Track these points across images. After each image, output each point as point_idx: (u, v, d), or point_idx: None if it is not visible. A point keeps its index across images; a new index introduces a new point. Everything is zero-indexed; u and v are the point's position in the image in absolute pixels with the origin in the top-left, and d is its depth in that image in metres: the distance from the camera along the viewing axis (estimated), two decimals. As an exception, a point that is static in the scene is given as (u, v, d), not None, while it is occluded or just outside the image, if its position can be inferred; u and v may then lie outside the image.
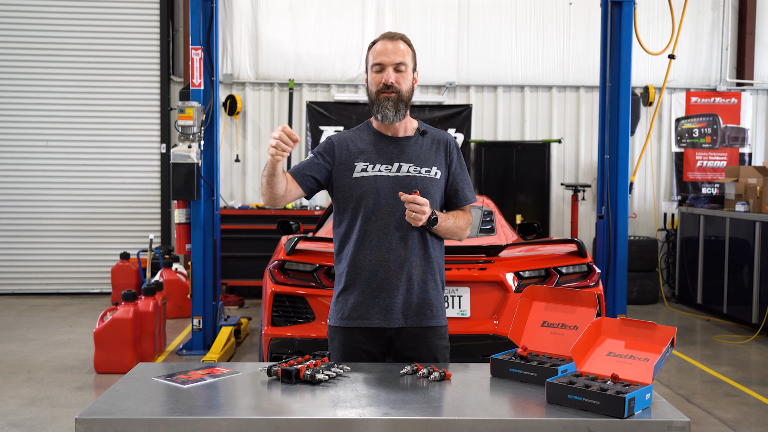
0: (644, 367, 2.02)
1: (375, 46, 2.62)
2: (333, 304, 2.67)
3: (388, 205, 2.54)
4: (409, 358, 2.57)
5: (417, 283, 2.58)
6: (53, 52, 9.01)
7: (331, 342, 2.65)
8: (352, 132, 2.70)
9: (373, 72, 2.60)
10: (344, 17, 9.21)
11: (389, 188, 2.55)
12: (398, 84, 2.57)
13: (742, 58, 9.56)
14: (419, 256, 2.58)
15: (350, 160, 2.59)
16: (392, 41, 2.59)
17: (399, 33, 2.65)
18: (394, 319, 2.57)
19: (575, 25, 9.35)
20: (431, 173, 2.60)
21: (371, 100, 2.63)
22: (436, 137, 2.69)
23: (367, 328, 2.57)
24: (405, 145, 2.63)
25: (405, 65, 2.58)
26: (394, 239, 2.55)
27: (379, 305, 2.56)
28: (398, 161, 2.60)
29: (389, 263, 2.55)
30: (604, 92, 6.41)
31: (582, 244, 4.34)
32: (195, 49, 6.02)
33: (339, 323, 2.62)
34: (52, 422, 4.44)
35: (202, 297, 6.12)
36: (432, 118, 9.19)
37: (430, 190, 2.56)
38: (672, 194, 9.58)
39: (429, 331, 2.60)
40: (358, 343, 2.58)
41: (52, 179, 9.05)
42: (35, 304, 8.50)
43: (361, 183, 2.56)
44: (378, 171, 2.57)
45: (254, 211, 8.65)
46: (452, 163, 2.67)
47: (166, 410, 1.96)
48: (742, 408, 4.89)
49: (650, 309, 8.51)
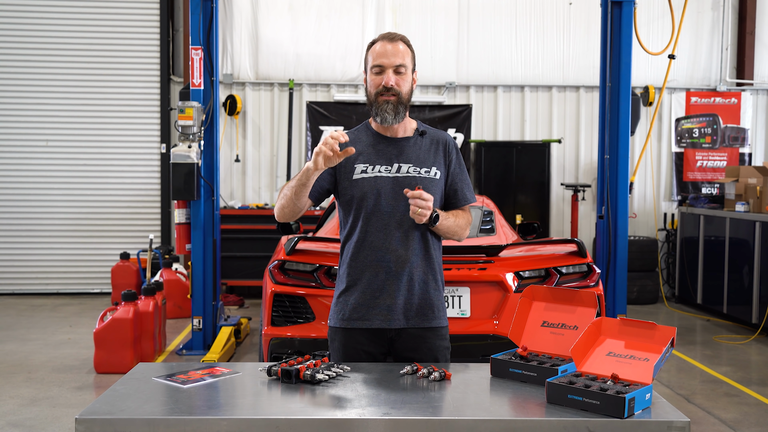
0: (644, 367, 2.02)
1: (374, 47, 2.59)
2: (333, 305, 2.67)
3: (388, 206, 2.54)
4: (409, 358, 2.56)
5: (418, 283, 2.58)
6: (53, 52, 9.02)
7: (332, 343, 2.65)
8: (351, 133, 2.67)
9: (373, 73, 2.57)
10: (344, 17, 9.21)
11: (389, 189, 2.55)
12: (398, 86, 2.54)
13: (742, 58, 9.57)
14: (420, 256, 2.58)
15: (350, 162, 2.58)
16: (392, 42, 2.56)
17: (399, 34, 2.62)
18: (395, 320, 2.56)
19: (575, 25, 9.35)
20: (431, 173, 2.59)
21: (370, 102, 2.60)
22: (435, 138, 2.67)
23: (368, 329, 2.57)
24: (404, 145, 2.62)
25: (405, 67, 2.55)
26: (395, 240, 2.55)
27: (379, 306, 2.56)
28: (398, 162, 2.59)
29: (390, 264, 2.55)
30: (604, 92, 6.41)
31: (582, 244, 4.34)
32: (195, 49, 6.02)
33: (339, 324, 2.61)
34: (52, 422, 4.44)
35: (202, 297, 6.12)
36: (432, 118, 9.19)
37: (429, 190, 2.55)
38: (672, 194, 9.59)
39: (430, 332, 2.60)
40: (358, 344, 2.58)
41: (52, 179, 9.06)
42: (35, 304, 8.50)
43: (361, 184, 2.56)
44: (378, 172, 2.57)
45: (254, 211, 8.66)
46: (451, 163, 2.66)
47: (166, 410, 1.95)
48: (742, 408, 4.89)
49: (650, 309, 8.52)
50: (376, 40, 2.61)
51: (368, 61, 2.60)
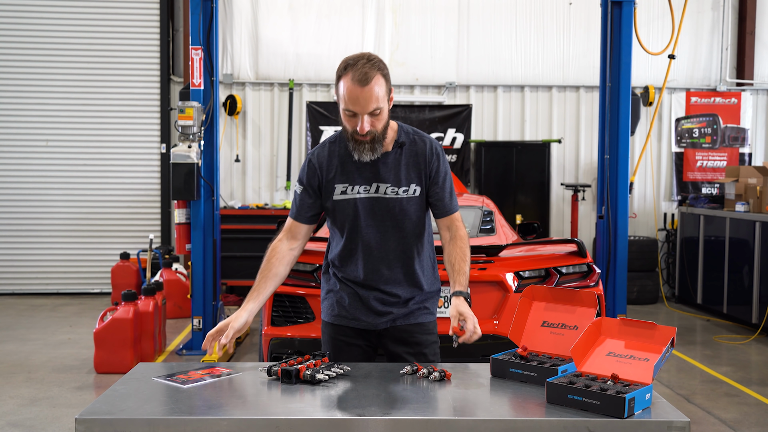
0: (644, 367, 2.02)
1: (345, 87, 2.35)
2: (323, 299, 2.73)
3: (368, 227, 2.55)
4: (398, 354, 2.61)
5: (402, 298, 2.61)
6: (53, 52, 9.01)
7: (323, 334, 2.72)
8: (330, 146, 2.59)
9: (346, 115, 2.40)
10: (344, 17, 9.21)
11: (368, 209, 2.54)
12: (374, 127, 2.40)
13: (742, 58, 9.56)
14: (403, 273, 2.59)
15: (330, 182, 2.56)
16: (363, 88, 2.32)
17: (369, 70, 2.34)
18: (381, 322, 2.62)
19: (575, 25, 9.34)
20: (409, 192, 2.54)
21: (346, 136, 2.47)
22: (414, 149, 2.55)
23: (355, 328, 2.63)
24: (382, 164, 2.52)
25: (380, 108, 2.38)
26: (376, 259, 2.57)
27: (366, 309, 2.61)
28: (376, 181, 2.53)
29: (373, 282, 2.59)
30: (604, 92, 6.41)
31: (582, 244, 4.34)
32: (195, 49, 6.02)
33: (329, 319, 2.68)
34: (52, 422, 4.44)
35: (202, 297, 6.12)
36: (432, 118, 9.19)
37: (408, 209, 2.54)
38: (672, 194, 9.58)
39: (416, 327, 2.64)
40: (347, 338, 2.64)
41: (52, 179, 9.05)
42: (35, 304, 8.50)
43: (342, 205, 2.55)
44: (357, 193, 2.54)
45: (254, 211, 8.65)
46: (432, 174, 2.56)
47: (166, 410, 1.95)
48: (742, 408, 4.89)
49: (650, 309, 8.51)
50: (345, 75, 2.36)
51: (339, 93, 2.39)
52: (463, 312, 2.37)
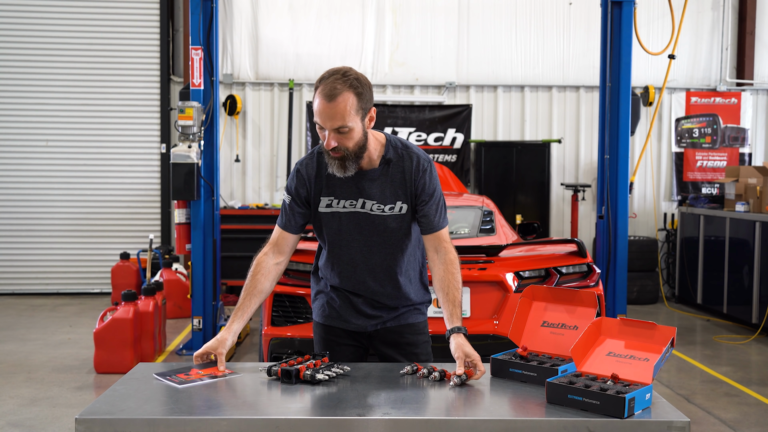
0: (644, 367, 2.02)
1: (316, 99, 2.32)
2: (313, 299, 2.74)
3: (354, 241, 2.53)
4: (389, 356, 2.61)
5: (389, 307, 2.61)
6: (53, 52, 9.01)
7: (315, 334, 2.72)
8: (318, 156, 2.53)
9: (317, 127, 2.37)
10: (344, 17, 9.21)
11: (354, 224, 2.52)
12: (342, 145, 2.34)
13: (742, 58, 9.56)
14: (389, 285, 2.58)
15: (317, 194, 2.54)
16: (330, 103, 2.27)
17: (339, 86, 2.28)
18: (371, 324, 2.62)
19: (575, 25, 9.35)
20: (395, 209, 2.51)
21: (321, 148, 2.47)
22: (400, 165, 2.50)
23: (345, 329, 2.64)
24: (368, 181, 2.48)
25: (347, 127, 2.30)
26: (362, 272, 2.56)
27: (355, 312, 2.61)
28: (362, 197, 2.49)
29: (359, 292, 2.59)
30: (604, 92, 6.41)
31: (582, 244, 4.34)
32: (195, 49, 6.02)
33: (319, 320, 2.69)
34: (52, 422, 4.44)
35: (202, 297, 6.12)
36: (432, 118, 9.19)
37: (393, 226, 2.52)
38: (672, 194, 9.58)
39: (407, 328, 2.63)
40: (338, 338, 2.64)
41: (52, 179, 9.05)
42: (35, 304, 8.50)
43: (328, 218, 2.54)
44: (342, 207, 2.51)
45: (254, 211, 8.65)
46: (418, 191, 2.50)
47: (166, 410, 1.95)
48: (742, 408, 4.89)
49: (650, 309, 8.51)
50: (319, 86, 2.32)
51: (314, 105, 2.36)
52: (469, 354, 2.27)
